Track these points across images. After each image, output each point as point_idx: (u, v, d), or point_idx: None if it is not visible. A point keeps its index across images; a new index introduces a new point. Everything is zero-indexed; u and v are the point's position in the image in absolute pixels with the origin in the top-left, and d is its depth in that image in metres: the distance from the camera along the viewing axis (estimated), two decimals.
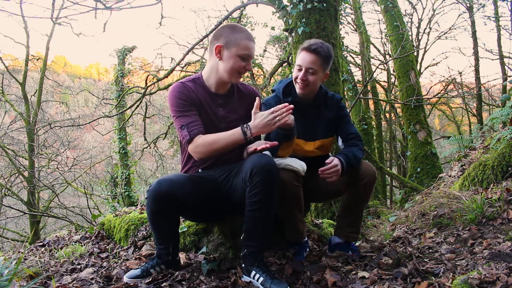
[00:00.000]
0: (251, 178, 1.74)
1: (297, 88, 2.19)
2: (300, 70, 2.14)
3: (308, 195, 2.22)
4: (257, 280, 1.78)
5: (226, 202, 1.97)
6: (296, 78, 2.16)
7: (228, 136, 1.84)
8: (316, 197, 2.38)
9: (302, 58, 2.13)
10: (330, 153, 2.36)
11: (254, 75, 10.05)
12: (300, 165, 2.05)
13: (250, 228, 1.83)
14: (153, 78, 9.89)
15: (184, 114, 1.90)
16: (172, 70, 7.81)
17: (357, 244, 2.36)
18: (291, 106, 1.80)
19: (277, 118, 1.78)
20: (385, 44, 12.56)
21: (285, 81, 2.30)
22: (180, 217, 2.16)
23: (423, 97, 9.23)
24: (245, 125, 1.82)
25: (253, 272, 1.81)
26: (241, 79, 2.07)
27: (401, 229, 2.91)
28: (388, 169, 11.76)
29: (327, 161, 2.00)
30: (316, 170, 2.07)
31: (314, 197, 2.36)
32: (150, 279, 1.86)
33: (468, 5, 10.86)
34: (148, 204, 1.84)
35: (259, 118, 1.81)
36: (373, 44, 12.50)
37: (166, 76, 8.45)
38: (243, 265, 1.88)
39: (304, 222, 2.24)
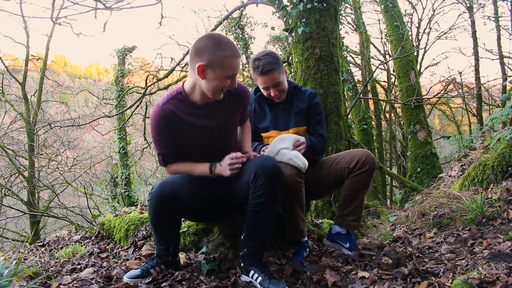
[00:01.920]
0: (255, 180, 1.74)
1: (275, 100, 2.30)
2: (268, 89, 2.25)
3: (308, 191, 2.24)
4: (256, 280, 1.78)
5: (228, 203, 1.97)
6: (269, 95, 2.28)
7: (199, 171, 1.93)
8: (316, 192, 2.38)
9: (263, 81, 2.23)
10: None
11: None
12: (302, 162, 2.07)
13: (252, 229, 1.84)
14: (153, 78, 9.88)
15: (160, 143, 1.92)
16: (172, 70, 7.81)
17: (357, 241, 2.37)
18: (246, 155, 1.93)
19: (234, 166, 1.86)
20: (385, 44, 12.57)
21: None
22: (181, 217, 2.16)
23: (423, 97, 9.22)
24: (214, 164, 1.92)
25: (252, 272, 1.81)
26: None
27: (401, 229, 2.90)
28: (388, 169, 11.75)
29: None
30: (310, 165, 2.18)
31: (314, 193, 2.36)
32: (150, 279, 1.86)
33: (468, 5, 10.86)
34: (151, 206, 1.84)
35: (224, 162, 1.89)
36: (373, 44, 12.51)
37: (166, 76, 8.45)
38: (242, 264, 1.88)
39: (305, 220, 2.25)
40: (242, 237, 1.88)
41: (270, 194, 1.76)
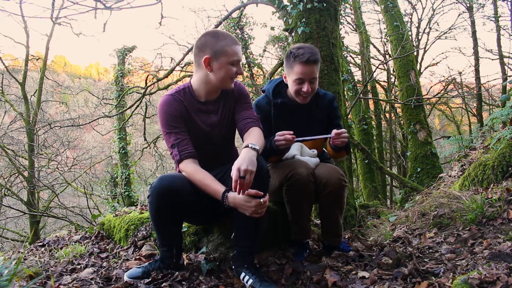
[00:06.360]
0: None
1: (299, 100, 2.14)
2: (301, 83, 2.07)
3: None
4: (247, 282, 1.76)
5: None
6: (299, 90, 2.10)
7: (211, 187, 1.78)
8: None
9: (301, 71, 2.05)
10: (324, 149, 2.39)
11: (254, 75, 10.05)
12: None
13: (240, 228, 1.83)
14: (153, 78, 9.89)
15: (173, 131, 1.87)
16: (172, 70, 7.81)
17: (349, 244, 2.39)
18: (266, 204, 1.72)
19: (252, 210, 1.69)
20: (385, 44, 12.54)
21: (274, 81, 2.28)
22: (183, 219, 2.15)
23: (423, 97, 9.22)
24: (227, 193, 1.73)
25: (243, 274, 1.80)
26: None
27: (401, 229, 2.90)
28: (388, 169, 11.75)
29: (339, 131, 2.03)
30: None
31: None
32: (150, 279, 1.85)
33: (468, 5, 10.86)
34: (152, 202, 1.81)
35: (242, 200, 1.70)
36: (373, 44, 12.49)
37: (166, 76, 8.45)
38: (233, 267, 1.87)
39: (310, 221, 2.26)
40: (231, 237, 1.87)
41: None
